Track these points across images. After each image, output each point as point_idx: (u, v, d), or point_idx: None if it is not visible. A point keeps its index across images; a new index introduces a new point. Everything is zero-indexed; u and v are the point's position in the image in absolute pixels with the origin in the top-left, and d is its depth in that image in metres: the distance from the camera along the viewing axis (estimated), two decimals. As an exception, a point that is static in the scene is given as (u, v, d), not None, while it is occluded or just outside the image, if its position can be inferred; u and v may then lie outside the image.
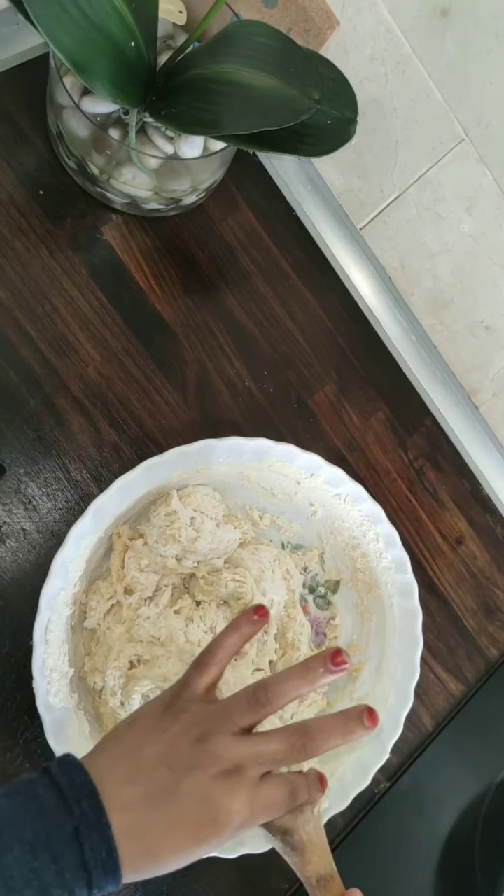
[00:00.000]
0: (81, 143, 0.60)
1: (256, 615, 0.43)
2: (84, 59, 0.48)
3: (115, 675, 0.55)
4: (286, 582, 0.62)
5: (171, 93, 0.55)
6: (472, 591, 0.74)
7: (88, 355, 0.63)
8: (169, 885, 0.57)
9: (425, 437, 0.76)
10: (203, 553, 0.58)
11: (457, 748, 0.68)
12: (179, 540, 0.56)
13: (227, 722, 0.39)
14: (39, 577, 0.51)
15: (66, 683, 0.52)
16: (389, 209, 0.73)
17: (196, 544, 0.57)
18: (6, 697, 0.55)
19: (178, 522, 0.56)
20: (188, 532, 0.56)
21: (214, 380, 0.67)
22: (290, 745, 0.39)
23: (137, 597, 0.57)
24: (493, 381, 0.76)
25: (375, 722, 0.40)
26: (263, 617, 0.44)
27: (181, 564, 0.58)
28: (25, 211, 0.63)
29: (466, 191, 0.65)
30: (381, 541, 0.61)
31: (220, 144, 0.60)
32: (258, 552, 0.61)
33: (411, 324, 0.78)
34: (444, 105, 0.62)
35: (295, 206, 0.75)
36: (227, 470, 0.59)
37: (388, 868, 0.65)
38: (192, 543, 0.57)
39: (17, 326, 0.61)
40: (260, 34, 0.55)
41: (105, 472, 0.62)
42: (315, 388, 0.71)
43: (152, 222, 0.68)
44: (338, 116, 0.59)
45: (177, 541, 0.56)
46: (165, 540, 0.56)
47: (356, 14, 0.63)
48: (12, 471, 0.59)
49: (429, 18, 0.58)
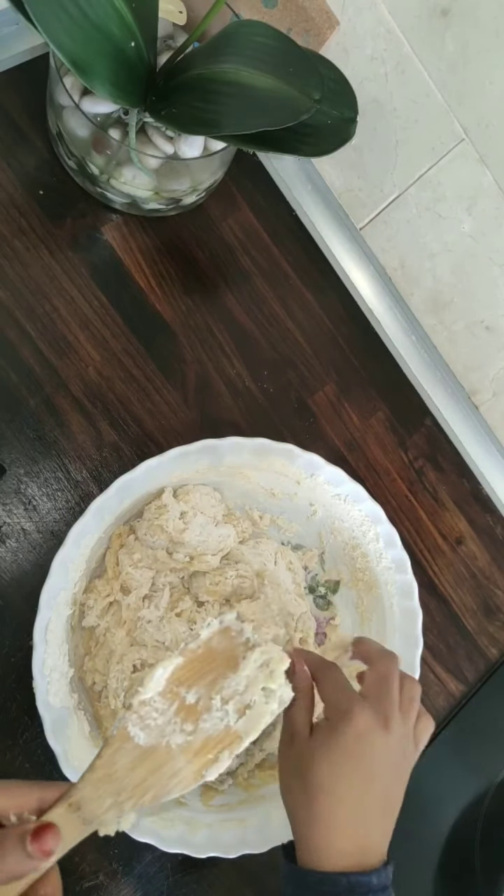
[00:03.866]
0: (81, 143, 0.60)
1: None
2: (84, 59, 0.48)
3: (118, 678, 0.55)
4: (291, 574, 0.62)
5: (171, 93, 0.55)
6: (472, 591, 0.74)
7: (88, 355, 0.63)
8: (169, 884, 0.57)
9: (425, 437, 0.76)
10: (192, 545, 0.58)
11: (457, 748, 0.68)
12: (167, 530, 0.56)
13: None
14: (39, 577, 0.51)
15: (66, 683, 0.52)
16: (389, 209, 0.73)
17: (184, 535, 0.57)
18: (6, 697, 0.55)
19: (167, 514, 0.57)
20: (176, 523, 0.57)
21: (214, 380, 0.67)
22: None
23: (135, 595, 0.57)
24: (493, 381, 0.76)
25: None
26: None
27: (172, 558, 0.58)
28: (25, 211, 0.63)
29: (466, 191, 0.65)
30: (381, 541, 0.61)
31: (220, 144, 0.60)
32: (258, 546, 0.62)
33: (411, 324, 0.78)
34: (444, 105, 0.62)
35: (295, 206, 0.75)
36: (226, 470, 0.59)
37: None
38: (179, 534, 0.57)
39: (17, 326, 0.61)
40: (260, 34, 0.55)
41: (105, 472, 0.62)
42: (315, 388, 0.71)
43: (152, 222, 0.68)
44: (338, 116, 0.59)
45: (164, 531, 0.56)
46: (153, 531, 0.57)
47: (356, 14, 0.63)
48: (12, 471, 0.59)
49: (429, 18, 0.58)
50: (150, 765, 0.36)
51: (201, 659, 0.39)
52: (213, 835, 0.53)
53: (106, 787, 0.34)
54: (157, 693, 0.37)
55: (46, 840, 0.30)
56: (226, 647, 0.40)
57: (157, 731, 0.36)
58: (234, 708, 0.38)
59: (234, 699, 0.39)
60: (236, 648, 0.40)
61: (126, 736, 0.35)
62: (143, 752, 0.35)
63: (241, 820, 0.55)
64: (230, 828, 0.54)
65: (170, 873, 0.58)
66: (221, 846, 0.53)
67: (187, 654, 0.39)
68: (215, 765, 0.37)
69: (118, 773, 0.34)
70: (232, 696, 0.39)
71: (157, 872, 0.57)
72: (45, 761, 0.54)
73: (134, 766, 0.35)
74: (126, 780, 0.35)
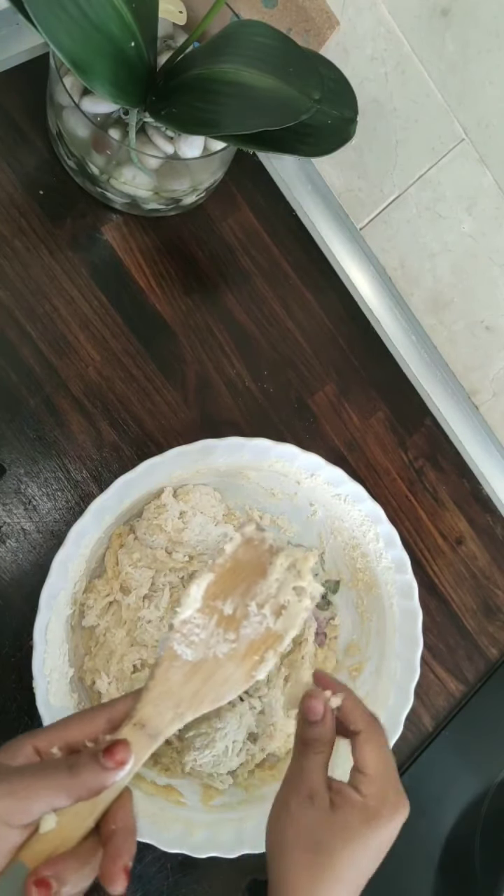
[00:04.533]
0: (81, 143, 0.60)
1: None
2: (84, 59, 0.48)
3: (118, 678, 0.55)
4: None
5: (171, 93, 0.55)
6: (472, 591, 0.74)
7: (88, 355, 0.63)
8: (169, 884, 0.57)
9: (425, 437, 0.76)
10: (191, 545, 0.58)
11: (457, 748, 0.68)
12: (165, 530, 0.56)
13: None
14: (39, 577, 0.51)
15: (66, 683, 0.52)
16: (389, 209, 0.73)
17: (182, 535, 0.57)
18: (6, 697, 0.55)
19: (166, 514, 0.57)
20: (175, 523, 0.57)
21: (214, 380, 0.67)
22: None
23: (135, 595, 0.57)
24: (493, 381, 0.76)
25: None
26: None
27: (172, 558, 0.58)
28: (25, 211, 0.63)
29: (466, 191, 0.65)
30: (381, 541, 0.61)
31: (220, 144, 0.60)
32: None
33: (411, 324, 0.78)
34: (444, 105, 0.62)
35: (295, 206, 0.75)
36: (227, 470, 0.59)
37: (388, 868, 0.65)
38: (178, 534, 0.57)
39: (17, 326, 0.61)
40: (260, 34, 0.55)
41: (105, 472, 0.62)
42: (315, 388, 0.71)
43: (152, 222, 0.68)
44: (338, 116, 0.59)
45: (163, 530, 0.57)
46: (152, 530, 0.57)
47: (356, 14, 0.63)
48: (12, 471, 0.59)
49: (429, 18, 0.58)
50: (202, 676, 0.38)
51: (231, 571, 0.41)
52: (212, 835, 0.53)
53: (165, 703, 0.36)
54: (195, 610, 0.39)
55: (118, 752, 0.33)
56: (251, 556, 0.42)
57: (203, 644, 0.38)
58: (271, 610, 0.40)
59: (269, 602, 0.40)
60: (262, 556, 0.42)
61: (174, 654, 0.37)
62: (192, 666, 0.37)
63: (241, 820, 0.55)
64: (230, 828, 0.54)
65: (170, 873, 0.58)
66: (221, 846, 0.53)
67: (217, 570, 0.41)
68: (262, 664, 0.39)
69: (173, 688, 0.36)
70: (266, 601, 0.40)
71: (157, 872, 0.57)
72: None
73: (187, 679, 0.37)
74: (182, 693, 0.37)
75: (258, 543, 0.42)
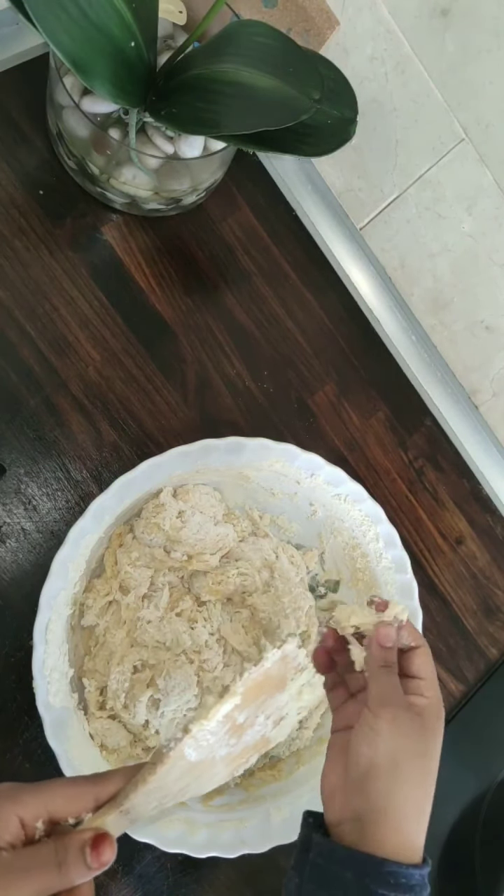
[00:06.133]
0: (81, 143, 0.60)
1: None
2: (84, 59, 0.48)
3: (118, 679, 0.55)
4: (294, 568, 0.62)
5: (171, 93, 0.55)
6: (472, 591, 0.74)
7: (88, 355, 0.63)
8: (169, 884, 0.57)
9: (425, 437, 0.76)
10: (189, 543, 0.58)
11: (457, 748, 0.68)
12: (163, 528, 0.57)
13: None
14: (39, 577, 0.51)
15: (66, 683, 0.52)
16: (389, 209, 0.73)
17: (180, 533, 0.57)
18: (6, 697, 0.55)
19: (164, 513, 0.57)
20: (173, 521, 0.57)
21: (214, 380, 0.67)
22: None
23: (134, 595, 0.57)
24: (493, 381, 0.76)
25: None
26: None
27: (170, 557, 0.58)
28: (25, 211, 0.63)
29: (466, 191, 0.65)
30: (381, 541, 0.61)
31: (220, 144, 0.60)
32: (258, 542, 0.62)
33: (411, 324, 0.78)
34: (444, 105, 0.62)
35: (295, 206, 0.75)
36: (226, 469, 0.59)
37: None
38: (176, 532, 0.57)
39: (17, 326, 0.61)
40: (260, 34, 0.55)
41: (105, 472, 0.62)
42: (315, 388, 0.71)
43: (152, 222, 0.68)
44: (338, 116, 0.59)
45: (160, 529, 0.57)
46: (150, 529, 0.57)
47: (356, 14, 0.63)
48: (12, 471, 0.59)
49: (429, 18, 0.58)
50: (195, 774, 0.38)
51: (258, 686, 0.41)
52: (212, 835, 0.53)
53: (154, 795, 0.37)
54: (217, 723, 0.39)
55: (105, 852, 0.34)
56: (279, 671, 0.42)
57: (208, 748, 0.38)
58: (273, 721, 0.41)
59: (275, 713, 0.41)
60: (287, 672, 0.42)
61: (182, 756, 0.37)
62: (191, 765, 0.38)
63: (241, 820, 0.55)
64: (230, 828, 0.54)
65: (170, 873, 0.58)
66: (221, 846, 0.53)
67: (248, 684, 0.41)
68: (246, 765, 0.41)
69: (168, 784, 0.37)
70: (274, 712, 0.41)
71: (157, 872, 0.57)
72: (45, 761, 0.54)
73: (181, 776, 0.37)
74: (172, 788, 0.37)
75: (290, 660, 0.42)
